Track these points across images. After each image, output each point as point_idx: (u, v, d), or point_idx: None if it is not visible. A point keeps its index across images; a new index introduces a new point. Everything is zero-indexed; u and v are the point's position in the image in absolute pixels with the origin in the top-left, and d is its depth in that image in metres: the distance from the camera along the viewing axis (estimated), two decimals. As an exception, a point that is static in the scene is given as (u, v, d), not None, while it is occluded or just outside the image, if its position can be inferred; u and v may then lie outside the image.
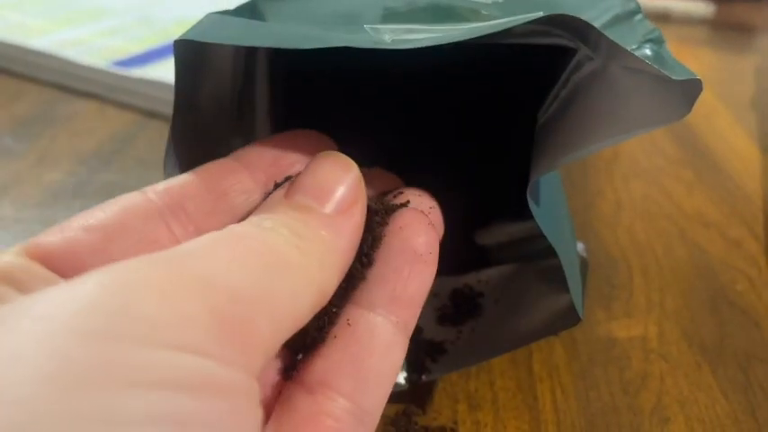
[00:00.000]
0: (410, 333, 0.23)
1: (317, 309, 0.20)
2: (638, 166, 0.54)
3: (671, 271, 0.42)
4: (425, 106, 0.39)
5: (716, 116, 0.64)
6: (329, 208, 0.21)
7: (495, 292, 0.34)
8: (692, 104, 0.24)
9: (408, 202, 0.27)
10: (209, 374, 0.15)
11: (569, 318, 0.29)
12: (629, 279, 0.41)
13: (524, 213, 0.29)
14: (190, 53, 0.26)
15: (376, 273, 0.24)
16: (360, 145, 0.27)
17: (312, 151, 0.27)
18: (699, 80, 0.23)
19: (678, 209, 0.49)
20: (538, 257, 0.34)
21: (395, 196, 0.28)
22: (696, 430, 0.31)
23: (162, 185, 0.24)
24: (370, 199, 0.26)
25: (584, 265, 0.36)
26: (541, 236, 0.27)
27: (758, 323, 0.38)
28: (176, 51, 0.25)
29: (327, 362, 0.22)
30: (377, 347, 0.22)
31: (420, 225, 0.24)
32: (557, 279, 0.29)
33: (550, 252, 0.27)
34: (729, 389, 0.34)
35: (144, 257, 0.17)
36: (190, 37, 0.24)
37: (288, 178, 0.26)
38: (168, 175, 0.28)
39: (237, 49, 0.30)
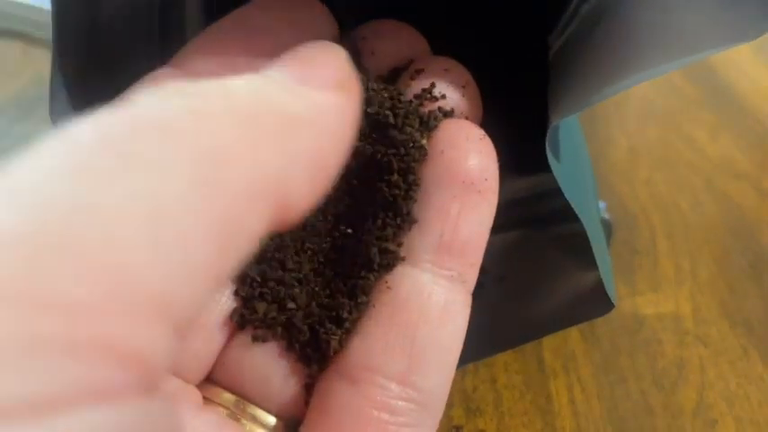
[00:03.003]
0: (471, 288, 0.18)
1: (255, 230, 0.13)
2: (653, 107, 0.47)
3: (701, 231, 0.35)
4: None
5: (733, 49, 0.56)
6: (312, 83, 0.14)
7: (500, 266, 0.27)
8: (776, 15, 0.18)
9: (433, 85, 0.20)
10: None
11: (597, 303, 0.22)
12: (652, 242, 0.34)
13: (534, 164, 0.22)
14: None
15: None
16: None
17: (288, 29, 0.19)
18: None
19: (702, 156, 0.42)
20: (553, 221, 0.27)
21: (413, 76, 0.20)
22: (752, 437, 0.25)
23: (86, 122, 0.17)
24: (381, 92, 0.19)
25: (607, 228, 0.29)
26: (556, 191, 0.20)
27: (812, 295, 0.32)
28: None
29: (368, 340, 0.17)
30: (431, 312, 0.17)
31: (468, 141, 0.18)
32: (578, 249, 0.22)
33: (569, 213, 0.20)
34: (785, 380, 0.28)
35: None
36: None
37: None
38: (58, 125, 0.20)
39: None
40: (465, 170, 0.18)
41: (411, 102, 0.19)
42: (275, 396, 0.18)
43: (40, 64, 0.49)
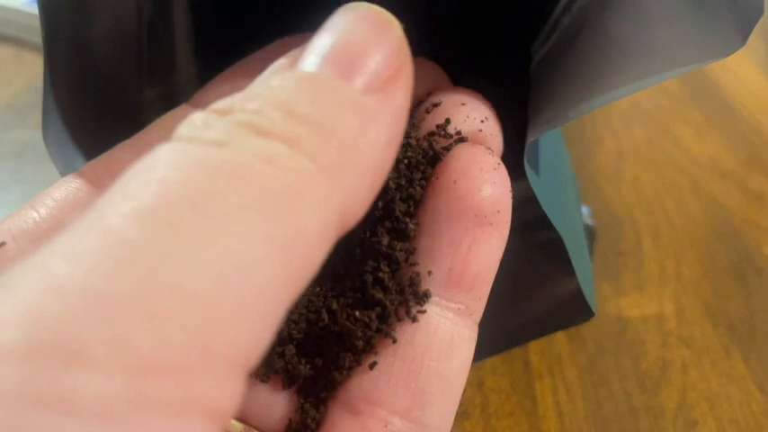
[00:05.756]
0: (478, 319, 0.18)
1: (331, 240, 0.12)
2: (640, 107, 0.48)
3: (685, 232, 0.36)
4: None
5: (721, 48, 0.57)
6: (359, 81, 0.13)
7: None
8: (748, 34, 0.18)
9: (448, 121, 0.19)
10: None
11: (577, 310, 0.23)
12: (637, 244, 0.35)
13: (521, 170, 0.22)
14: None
15: (423, 247, 0.18)
16: None
17: None
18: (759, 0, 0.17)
19: (688, 156, 0.42)
20: (536, 227, 0.27)
21: (428, 110, 0.20)
22: (732, 437, 0.26)
23: (100, 160, 0.18)
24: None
25: (591, 234, 0.30)
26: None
27: (794, 295, 0.32)
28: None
29: (373, 372, 0.17)
30: (436, 346, 0.17)
31: (482, 172, 0.17)
32: (558, 255, 0.23)
33: (549, 220, 0.21)
34: (765, 379, 0.28)
35: None
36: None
37: None
38: (52, 150, 0.21)
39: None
40: (478, 202, 0.17)
41: (420, 142, 0.19)
42: (279, 424, 0.18)
43: (33, 69, 0.48)
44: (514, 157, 0.21)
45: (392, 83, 0.13)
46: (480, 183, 0.17)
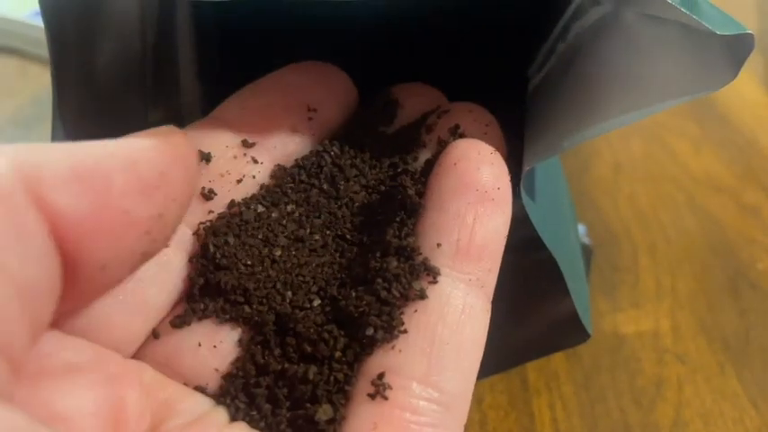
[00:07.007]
0: (490, 293, 0.19)
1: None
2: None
3: (681, 248, 0.36)
4: (384, 58, 0.33)
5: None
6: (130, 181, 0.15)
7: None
8: (739, 67, 0.18)
9: (458, 126, 0.22)
10: None
11: (573, 331, 0.23)
12: (633, 259, 0.35)
13: (518, 188, 0.23)
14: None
15: (431, 222, 0.19)
16: None
17: (313, 90, 0.22)
18: (750, 35, 0.18)
19: (684, 170, 0.43)
20: (532, 246, 0.28)
21: (439, 116, 0.23)
22: (725, 454, 0.26)
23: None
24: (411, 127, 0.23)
25: (587, 253, 0.30)
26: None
27: (787, 311, 0.33)
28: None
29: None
30: (449, 315, 0.18)
31: (479, 155, 0.20)
32: (556, 276, 0.23)
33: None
34: (759, 396, 0.29)
35: None
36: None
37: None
38: None
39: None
40: (478, 179, 0.19)
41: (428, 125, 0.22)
42: None
43: (37, 82, 0.49)
44: (517, 173, 0.21)
45: (169, 171, 0.16)
46: (479, 163, 0.19)
